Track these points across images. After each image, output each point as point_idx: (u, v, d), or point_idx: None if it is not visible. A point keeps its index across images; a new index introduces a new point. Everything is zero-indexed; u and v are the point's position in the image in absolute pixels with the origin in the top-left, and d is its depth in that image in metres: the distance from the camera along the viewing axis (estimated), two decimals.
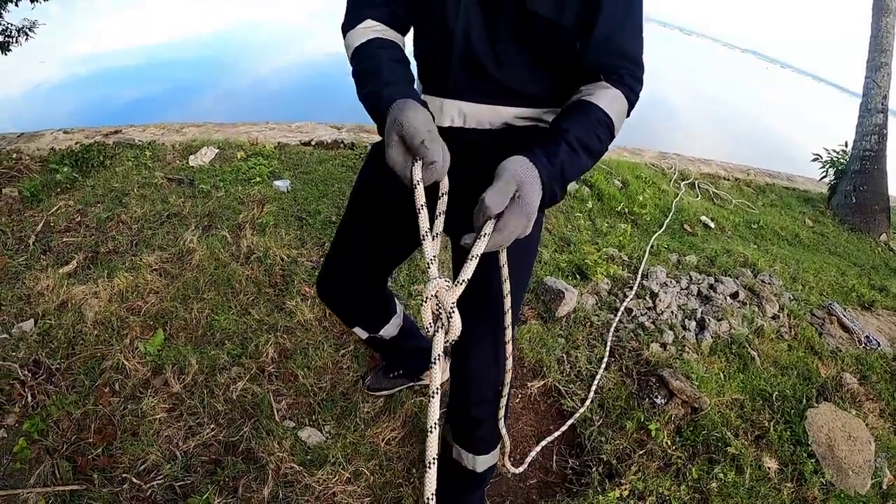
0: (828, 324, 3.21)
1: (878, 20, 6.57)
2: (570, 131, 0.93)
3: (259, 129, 4.30)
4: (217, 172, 3.30)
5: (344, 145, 4.22)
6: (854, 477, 2.02)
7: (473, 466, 1.40)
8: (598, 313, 2.63)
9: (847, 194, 6.66)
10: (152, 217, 2.72)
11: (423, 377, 1.93)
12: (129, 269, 2.29)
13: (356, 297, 1.47)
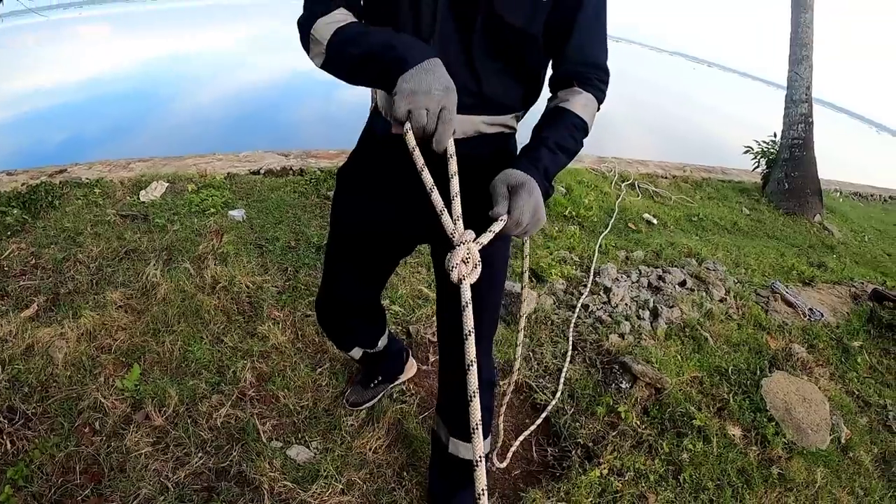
0: (772, 301, 3.47)
1: (796, 16, 7.11)
2: (549, 138, 1.07)
3: (207, 160, 4.31)
4: (170, 206, 3.31)
5: (293, 172, 4.28)
6: (813, 435, 2.22)
7: (469, 455, 1.45)
8: (557, 312, 2.78)
9: (780, 181, 7.14)
10: (110, 255, 2.72)
11: (400, 377, 2.07)
12: (94, 308, 2.29)
13: (355, 320, 1.60)
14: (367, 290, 1.53)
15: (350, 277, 1.46)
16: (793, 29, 7.14)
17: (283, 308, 2.43)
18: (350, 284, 1.48)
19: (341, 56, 1.02)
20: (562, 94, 1.13)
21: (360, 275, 1.46)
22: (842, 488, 2.06)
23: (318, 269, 2.79)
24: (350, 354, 1.78)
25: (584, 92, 1.11)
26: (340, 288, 1.49)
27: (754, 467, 2.01)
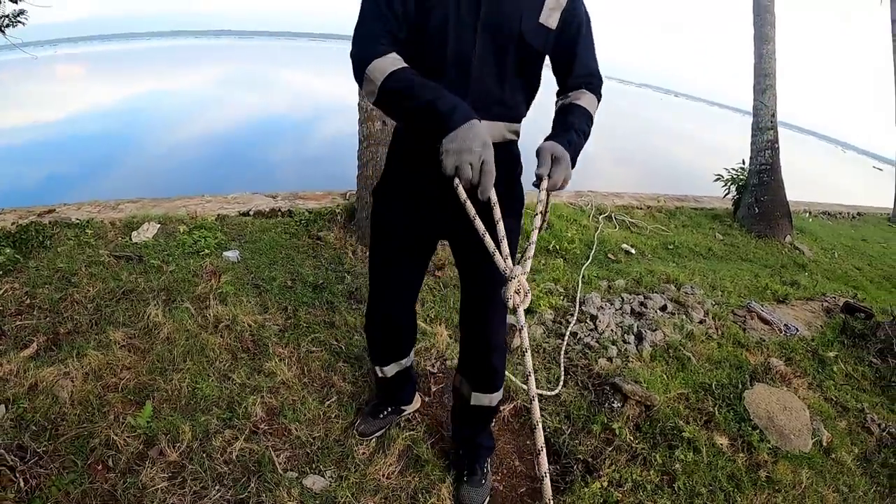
0: (749, 320, 3.67)
1: (759, 48, 7.56)
2: (574, 124, 1.43)
3: (196, 202, 4.42)
4: (163, 247, 3.41)
5: (282, 213, 4.42)
6: (796, 439, 2.40)
7: (490, 402, 1.83)
8: (547, 340, 2.94)
9: (750, 206, 7.47)
10: (107, 295, 2.80)
11: (406, 409, 2.22)
12: (97, 348, 2.37)
13: (398, 330, 1.87)
14: (406, 298, 1.83)
15: (393, 287, 1.76)
16: (756, 60, 7.59)
17: (286, 345, 2.54)
18: (393, 294, 1.77)
19: (391, 102, 1.30)
20: (572, 95, 1.50)
21: (400, 283, 1.75)
22: (827, 487, 2.23)
23: (316, 308, 2.91)
24: (385, 371, 1.97)
25: (588, 93, 1.50)
26: (386, 298, 1.79)
27: (743, 472, 2.16)
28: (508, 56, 1.38)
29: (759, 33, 7.52)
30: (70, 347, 2.37)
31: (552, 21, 1.40)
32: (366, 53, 1.30)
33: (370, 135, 3.97)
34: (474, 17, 1.32)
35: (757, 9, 7.57)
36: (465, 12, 1.32)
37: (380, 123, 3.96)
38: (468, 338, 1.79)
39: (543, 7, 1.37)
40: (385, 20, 1.32)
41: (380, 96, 1.28)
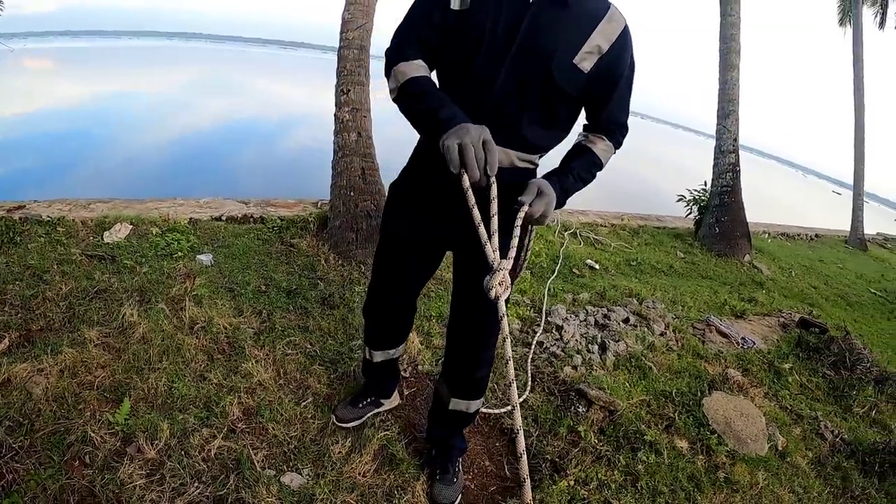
0: (708, 333, 3.86)
1: (724, 75, 7.93)
2: (574, 168, 1.51)
3: (168, 204, 4.43)
4: (136, 248, 3.43)
5: (254, 220, 4.46)
6: (753, 444, 2.57)
7: (468, 409, 1.94)
8: (515, 348, 3.06)
9: (711, 226, 7.79)
10: (80, 294, 2.80)
11: (385, 403, 2.33)
12: (72, 345, 2.38)
13: (397, 317, 1.96)
14: (406, 292, 1.90)
15: (395, 280, 1.85)
16: (720, 86, 7.96)
17: (262, 348, 2.59)
18: (394, 286, 1.87)
19: (406, 103, 1.42)
20: (591, 137, 1.57)
21: (401, 277, 1.83)
22: (782, 488, 2.40)
23: (290, 312, 2.97)
24: (373, 354, 2.07)
25: (606, 140, 1.56)
26: (387, 289, 1.89)
27: (702, 473, 2.32)
28: (532, 89, 1.40)
29: (724, 60, 7.89)
30: (43, 344, 2.38)
31: (586, 65, 1.40)
32: (396, 55, 1.43)
33: (345, 145, 4.06)
34: (509, 42, 1.36)
35: (722, 37, 7.94)
36: (500, 36, 1.36)
37: (355, 135, 4.06)
38: (456, 349, 1.87)
39: (582, 49, 1.38)
40: (421, 28, 1.44)
41: (398, 95, 1.42)
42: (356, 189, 3.96)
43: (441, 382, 1.98)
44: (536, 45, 1.36)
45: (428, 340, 2.95)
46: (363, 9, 4.10)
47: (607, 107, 1.52)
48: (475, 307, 1.74)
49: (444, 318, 3.21)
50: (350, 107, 4.06)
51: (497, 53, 1.37)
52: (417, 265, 1.82)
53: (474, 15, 1.37)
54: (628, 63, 1.47)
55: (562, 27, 1.37)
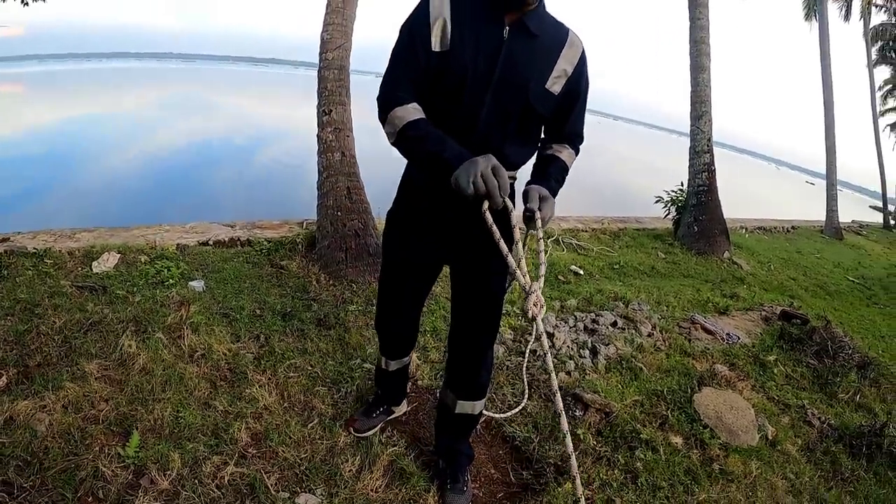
0: (693, 331, 4.01)
1: (695, 77, 8.17)
2: (552, 174, 1.69)
3: (154, 231, 4.47)
4: (126, 277, 3.47)
5: (241, 243, 4.52)
6: (744, 435, 2.70)
7: (473, 410, 2.07)
8: (509, 358, 3.16)
9: (690, 225, 8.00)
10: (74, 326, 2.82)
11: (395, 411, 2.47)
12: (72, 380, 2.40)
13: (407, 329, 2.16)
14: (409, 311, 2.08)
15: (400, 298, 2.01)
16: (692, 88, 8.20)
17: (264, 372, 2.66)
18: (400, 303, 2.03)
19: (406, 147, 1.55)
20: (555, 147, 1.77)
21: (405, 298, 2.01)
22: (775, 475, 2.55)
23: (287, 335, 3.04)
24: (389, 364, 2.26)
25: (569, 148, 1.78)
26: (395, 306, 2.05)
27: (698, 466, 2.45)
28: (513, 116, 1.60)
29: (695, 63, 8.14)
30: (43, 380, 2.40)
31: (556, 88, 1.61)
32: (390, 99, 1.54)
33: (329, 166, 4.15)
34: (489, 75, 1.53)
35: (692, 40, 8.19)
36: (482, 70, 1.52)
37: (339, 155, 4.15)
38: (459, 356, 2.02)
39: (551, 75, 1.59)
40: (408, 70, 1.54)
41: (398, 139, 1.53)
42: (343, 208, 4.05)
43: (446, 390, 2.11)
44: (514, 75, 1.54)
45: (425, 355, 3.04)
46: (341, 29, 4.21)
47: (569, 120, 1.74)
48: (476, 313, 1.91)
49: (437, 332, 3.31)
50: (333, 127, 4.15)
51: (480, 86, 1.54)
52: (419, 282, 1.99)
53: (455, 53, 1.52)
54: (586, 81, 1.69)
55: (533, 57, 1.56)
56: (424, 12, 1.53)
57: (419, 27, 1.52)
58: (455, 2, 1.52)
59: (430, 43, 1.51)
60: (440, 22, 1.51)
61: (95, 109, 20.03)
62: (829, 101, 15.81)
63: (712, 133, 8.23)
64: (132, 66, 55.93)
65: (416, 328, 2.23)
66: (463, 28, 1.51)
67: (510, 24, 1.52)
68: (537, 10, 1.54)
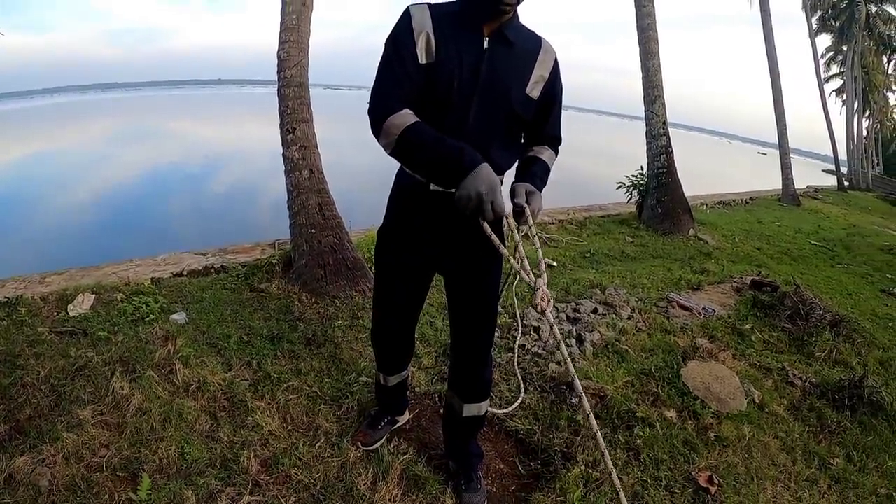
0: (671, 309, 4.17)
1: (645, 63, 8.41)
2: (537, 173, 1.80)
3: (125, 267, 4.42)
4: (105, 318, 3.43)
5: (216, 270, 4.50)
6: (732, 402, 2.88)
7: (479, 412, 2.16)
8: (500, 356, 3.24)
9: (653, 207, 8.24)
10: (60, 374, 2.78)
11: (399, 420, 2.54)
12: (68, 429, 2.37)
13: (404, 342, 2.23)
14: (405, 322, 2.14)
15: (395, 311, 2.08)
16: (643, 74, 8.44)
17: (263, 398, 2.68)
18: (396, 317, 2.09)
19: (408, 152, 1.59)
20: (535, 149, 1.88)
21: (401, 308, 2.07)
22: (767, 435, 2.73)
23: (279, 358, 3.06)
24: (388, 380, 2.33)
25: (549, 149, 1.90)
26: (391, 320, 2.11)
27: (694, 436, 2.60)
28: (498, 122, 1.69)
29: (644, 49, 8.39)
30: (37, 433, 2.36)
31: (535, 93, 1.71)
32: (383, 109, 1.57)
33: (298, 184, 4.18)
34: (473, 87, 1.61)
35: (640, 27, 8.45)
36: (466, 79, 1.60)
37: (307, 172, 4.18)
38: (460, 360, 2.11)
39: (530, 81, 1.69)
40: (399, 82, 1.59)
41: (397, 147, 1.57)
42: (317, 226, 4.08)
43: (451, 395, 2.19)
44: (497, 83, 1.64)
45: (418, 362, 3.11)
46: (297, 46, 4.24)
47: (548, 122, 1.85)
48: (475, 317, 1.99)
49: (426, 338, 3.38)
50: (298, 145, 4.18)
51: (466, 94, 1.62)
52: (413, 294, 2.05)
53: (441, 65, 1.60)
54: (560, 84, 1.80)
55: (513, 64, 1.67)
56: (407, 26, 1.59)
57: (405, 41, 1.59)
58: (436, 15, 1.60)
59: (416, 56, 1.58)
60: (424, 35, 1.58)
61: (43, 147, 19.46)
62: (776, 72, 16.40)
63: (667, 116, 8.49)
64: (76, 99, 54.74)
65: (413, 342, 2.31)
66: (446, 40, 1.59)
67: (489, 35, 1.61)
68: (513, 21, 1.64)
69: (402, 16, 1.62)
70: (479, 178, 1.47)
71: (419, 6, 1.63)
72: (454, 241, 1.84)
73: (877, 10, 27.86)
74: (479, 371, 2.09)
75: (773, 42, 16.31)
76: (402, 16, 1.62)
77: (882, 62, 33.08)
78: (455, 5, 1.64)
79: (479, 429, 2.27)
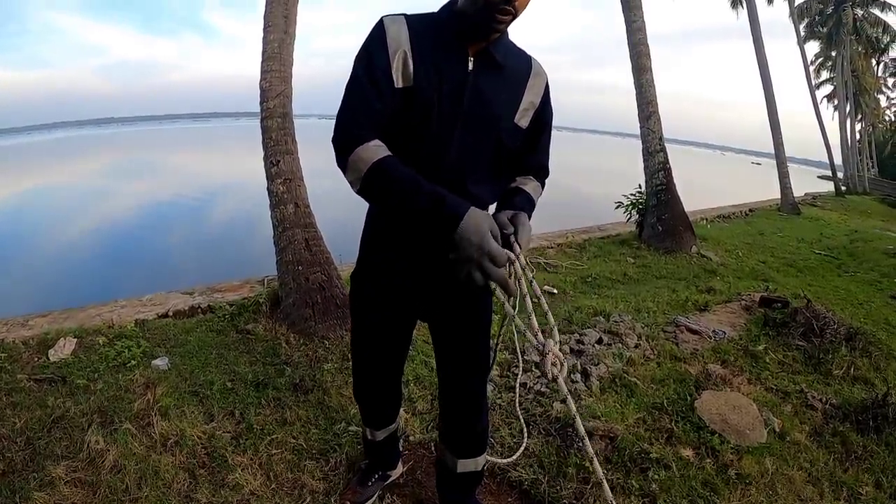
0: (679, 333, 3.99)
1: (638, 79, 8.33)
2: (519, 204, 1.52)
3: (109, 308, 4.26)
4: (85, 364, 3.27)
5: (202, 310, 4.34)
6: (752, 433, 2.68)
7: (476, 467, 1.96)
8: (500, 396, 3.04)
9: (653, 226, 8.09)
10: (37, 425, 2.62)
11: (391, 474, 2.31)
12: (40, 488, 2.21)
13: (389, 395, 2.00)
14: (393, 373, 1.94)
15: (378, 365, 1.87)
16: (637, 90, 8.36)
17: (244, 453, 2.49)
18: (378, 368, 1.88)
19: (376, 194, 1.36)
20: (519, 180, 1.63)
21: (383, 361, 1.86)
22: (791, 468, 2.53)
23: (264, 407, 2.87)
24: (376, 435, 2.10)
25: (535, 181, 1.65)
26: (372, 373, 1.90)
27: (714, 476, 2.40)
28: (483, 154, 1.49)
29: (636, 64, 8.32)
30: (9, 491, 2.20)
31: (524, 122, 1.52)
32: (348, 140, 1.34)
33: (284, 219, 4.03)
34: (455, 110, 1.40)
35: (631, 43, 8.40)
36: (446, 105, 1.39)
37: (292, 206, 4.05)
38: (451, 412, 1.89)
39: (519, 109, 1.49)
40: (369, 106, 1.36)
41: (364, 186, 1.34)
42: (304, 262, 3.92)
43: (443, 449, 1.98)
44: (482, 110, 1.43)
45: (412, 407, 2.92)
46: (280, 75, 4.13)
47: (536, 151, 1.64)
48: (461, 368, 1.78)
49: (421, 379, 3.19)
50: (282, 178, 4.04)
51: (447, 122, 1.41)
52: (396, 345, 1.85)
53: (419, 90, 1.38)
54: (550, 110, 1.60)
55: (500, 89, 1.46)
56: (381, 43, 1.38)
57: (378, 59, 1.37)
58: (414, 31, 1.39)
59: (391, 78, 1.37)
60: (400, 54, 1.37)
61: (36, 183, 19.44)
62: (768, 81, 16.42)
63: (662, 132, 8.39)
64: (73, 134, 55.08)
65: (400, 393, 2.09)
66: (425, 60, 1.38)
67: (474, 56, 1.41)
68: (502, 38, 1.43)
69: (376, 29, 1.40)
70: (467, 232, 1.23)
71: (395, 18, 1.41)
72: (439, 285, 1.62)
73: (863, 13, 28.10)
74: (472, 422, 1.87)
75: (763, 50, 16.35)
76: (374, 29, 1.40)
77: (871, 65, 33.42)
78: (436, 18, 1.43)
79: (476, 485, 2.07)
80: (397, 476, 2.36)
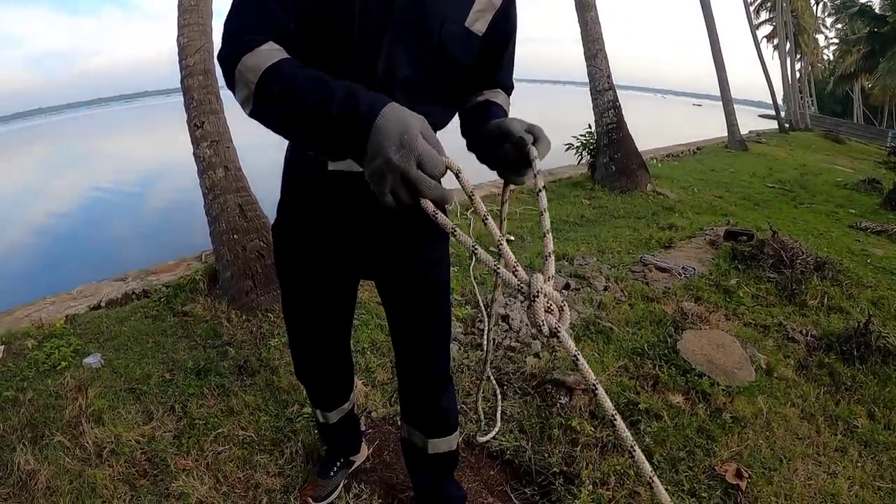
0: (648, 273, 3.84)
1: (582, 16, 8.02)
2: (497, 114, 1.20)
3: (38, 307, 3.83)
4: (14, 372, 2.88)
5: (136, 296, 3.96)
6: (740, 372, 2.56)
7: (450, 447, 1.68)
8: (467, 355, 2.82)
9: (606, 166, 7.94)
10: None
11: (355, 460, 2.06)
12: None
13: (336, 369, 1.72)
14: (335, 339, 1.64)
15: (316, 336, 1.59)
16: (581, 28, 8.06)
17: (188, 454, 2.18)
18: (318, 339, 1.60)
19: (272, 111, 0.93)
20: (486, 93, 1.31)
21: (322, 327, 1.56)
22: (784, 405, 2.42)
23: (206, 397, 2.56)
24: (328, 416, 1.83)
25: (502, 92, 1.33)
26: (311, 345, 1.62)
27: (709, 421, 2.25)
28: (421, 68, 1.12)
29: (580, 2, 7.99)
30: None
31: (480, 25, 1.16)
32: (236, 47, 0.95)
33: (214, 185, 3.67)
34: (384, 18, 1.06)
35: None
36: (372, 13, 1.05)
37: (221, 171, 3.69)
38: (409, 386, 1.62)
39: (472, 8, 1.13)
40: (266, 9, 1.00)
41: (256, 104, 0.93)
42: (239, 230, 3.57)
43: (409, 429, 1.70)
44: (419, 12, 1.07)
45: (371, 378, 2.65)
46: (199, 28, 3.71)
47: (501, 67, 1.31)
48: (416, 335, 1.49)
49: (378, 346, 2.93)
50: (209, 140, 3.65)
51: (373, 30, 1.06)
52: (334, 307, 1.54)
53: None
54: (515, 17, 1.26)
55: None
56: None
57: None
58: None
59: None
60: None
61: None
62: (711, 23, 16.36)
63: (610, 70, 8.16)
64: None
65: (350, 365, 1.81)
66: None
67: None
68: None
69: None
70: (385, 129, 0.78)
71: None
72: (376, 235, 1.31)
73: None
74: (435, 396, 1.59)
75: None
76: None
77: (810, 4, 33.99)
78: None
79: (454, 467, 1.78)
80: (362, 461, 2.10)
